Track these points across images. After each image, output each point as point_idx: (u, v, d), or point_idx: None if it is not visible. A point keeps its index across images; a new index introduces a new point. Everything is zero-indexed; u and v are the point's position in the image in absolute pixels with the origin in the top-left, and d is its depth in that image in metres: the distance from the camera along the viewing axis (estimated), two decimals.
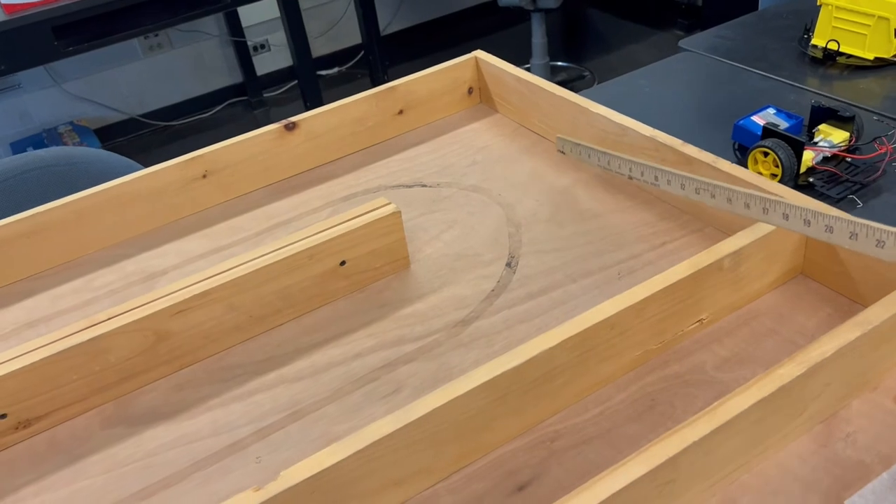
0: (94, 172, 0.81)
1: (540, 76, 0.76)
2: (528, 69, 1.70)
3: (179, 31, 2.52)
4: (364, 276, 0.59)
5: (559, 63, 2.78)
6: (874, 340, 0.43)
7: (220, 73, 2.71)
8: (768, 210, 0.45)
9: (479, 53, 0.81)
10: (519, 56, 2.59)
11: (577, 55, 2.89)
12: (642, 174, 0.56)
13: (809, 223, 0.43)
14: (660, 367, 0.49)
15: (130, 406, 0.52)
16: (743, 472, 0.41)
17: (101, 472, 0.47)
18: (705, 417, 0.38)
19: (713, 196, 0.49)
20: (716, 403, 0.39)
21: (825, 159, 0.68)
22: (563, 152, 0.66)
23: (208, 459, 0.47)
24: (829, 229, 0.42)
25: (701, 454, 0.38)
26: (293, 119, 0.73)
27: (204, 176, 0.70)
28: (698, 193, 0.51)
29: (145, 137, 2.64)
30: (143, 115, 2.61)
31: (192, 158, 0.69)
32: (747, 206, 0.47)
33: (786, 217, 0.44)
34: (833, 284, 0.52)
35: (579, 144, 0.63)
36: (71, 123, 2.45)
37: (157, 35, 2.49)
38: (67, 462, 0.48)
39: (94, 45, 1.70)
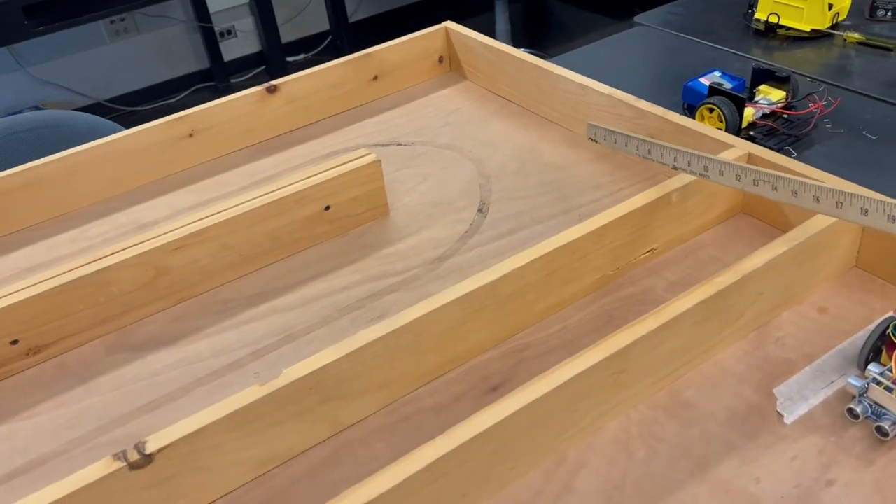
0: (80, 134, 0.85)
1: None
2: None
3: (146, 15, 2.52)
4: (347, 221, 0.64)
5: (522, 50, 2.84)
6: (799, 256, 0.49)
7: (187, 58, 2.71)
8: (842, 204, 0.43)
9: (449, 24, 0.86)
10: None
11: (539, 43, 2.96)
12: (689, 164, 0.50)
13: (819, 200, 0.43)
14: (616, 290, 0.55)
15: (132, 336, 0.56)
16: (687, 370, 0.47)
17: (110, 389, 0.51)
18: (653, 316, 0.44)
19: (775, 188, 0.45)
20: (662, 306, 0.45)
21: (764, 115, 0.75)
22: (594, 140, 0.58)
23: (209, 377, 0.51)
24: (839, 205, 0.43)
25: (649, 348, 0.44)
26: (274, 82, 0.78)
27: (190, 135, 0.74)
28: (756, 185, 0.46)
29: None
30: (110, 100, 2.60)
31: (179, 118, 0.73)
32: (816, 199, 0.44)
33: (840, 205, 0.43)
34: (769, 219, 0.59)
35: (615, 132, 0.56)
36: (36, 107, 2.44)
37: (123, 19, 2.49)
38: (77, 383, 0.52)
39: (65, 24, 1.72)
